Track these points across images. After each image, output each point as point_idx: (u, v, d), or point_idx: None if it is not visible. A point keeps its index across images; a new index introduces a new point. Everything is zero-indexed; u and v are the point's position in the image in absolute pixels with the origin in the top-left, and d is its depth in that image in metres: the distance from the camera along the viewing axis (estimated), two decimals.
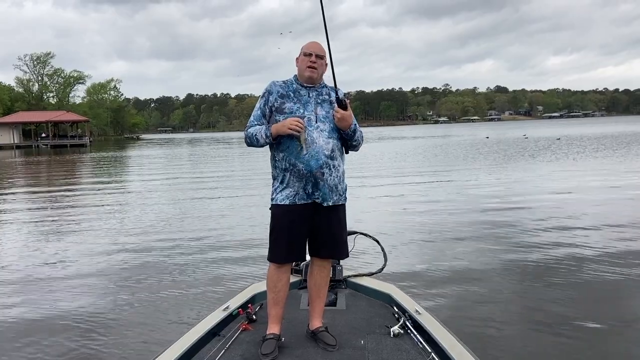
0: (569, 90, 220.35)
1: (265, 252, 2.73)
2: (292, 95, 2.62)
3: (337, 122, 2.57)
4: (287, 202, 2.57)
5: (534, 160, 18.66)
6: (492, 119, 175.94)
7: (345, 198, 2.70)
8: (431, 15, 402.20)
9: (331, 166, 2.57)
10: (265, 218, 2.76)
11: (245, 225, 8.11)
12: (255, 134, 2.60)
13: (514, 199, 9.94)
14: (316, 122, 2.57)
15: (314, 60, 2.59)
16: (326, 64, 2.65)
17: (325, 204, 2.59)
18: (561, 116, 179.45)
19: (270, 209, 2.65)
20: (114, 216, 9.46)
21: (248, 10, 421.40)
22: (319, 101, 2.62)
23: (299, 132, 2.47)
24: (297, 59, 2.69)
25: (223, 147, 43.02)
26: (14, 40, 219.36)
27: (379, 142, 40.29)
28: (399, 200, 10.35)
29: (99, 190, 14.53)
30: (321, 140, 2.54)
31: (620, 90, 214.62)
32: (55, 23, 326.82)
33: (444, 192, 11.42)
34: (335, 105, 2.58)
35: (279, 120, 2.57)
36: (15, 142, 56.66)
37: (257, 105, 2.69)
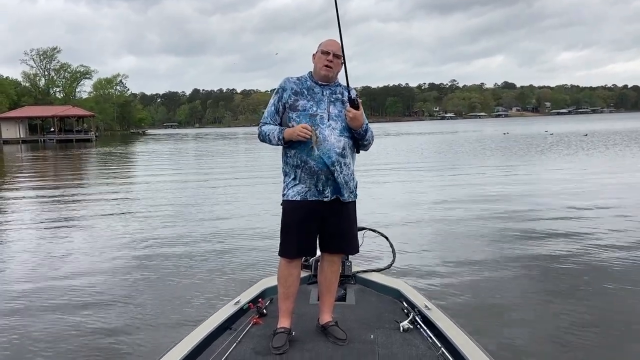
0: (577, 86, 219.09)
1: (275, 247, 2.75)
2: (305, 92, 2.63)
3: (349, 121, 2.59)
4: (298, 198, 2.59)
5: (587, 157, 17.83)
6: (499, 115, 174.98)
7: (356, 195, 2.72)
8: (443, 10, 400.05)
9: (342, 164, 2.58)
10: (275, 213, 2.78)
11: (255, 220, 8.13)
12: (269, 134, 2.62)
13: (546, 198, 9.73)
14: (328, 120, 2.58)
15: (330, 59, 2.60)
16: (342, 63, 2.65)
17: (335, 201, 2.60)
18: (569, 112, 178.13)
19: (281, 204, 2.68)
20: (123, 211, 9.52)
21: (260, 5, 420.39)
22: (332, 99, 2.63)
23: (307, 137, 2.49)
24: (313, 55, 2.69)
25: (229, 143, 43.10)
26: (27, 36, 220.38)
27: (387, 138, 40.17)
28: (409, 196, 10.35)
29: (106, 185, 14.63)
30: (333, 138, 2.56)
31: (629, 86, 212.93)
32: (67, 18, 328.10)
33: (457, 188, 11.38)
34: (348, 104, 2.60)
35: (292, 117, 2.59)
36: (22, 136, 56.97)
37: (271, 101, 2.70)
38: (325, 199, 2.58)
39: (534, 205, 8.74)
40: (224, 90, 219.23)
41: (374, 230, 3.68)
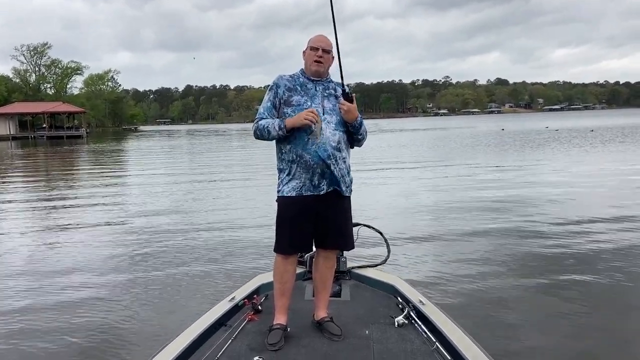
0: (570, 82, 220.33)
1: (270, 243, 2.74)
2: (299, 88, 2.63)
3: (344, 114, 2.59)
4: (293, 193, 2.59)
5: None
6: (492, 112, 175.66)
7: (351, 190, 2.72)
8: (441, 6, 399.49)
9: (337, 158, 2.58)
10: (270, 209, 2.78)
11: (251, 216, 8.13)
12: (267, 127, 2.59)
13: (541, 193, 9.77)
14: (323, 114, 2.58)
15: (320, 54, 2.61)
16: (333, 58, 2.66)
17: (330, 195, 2.60)
18: (562, 109, 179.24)
19: (276, 200, 2.67)
20: (116, 209, 9.47)
21: (258, 2, 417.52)
22: (326, 94, 2.64)
23: (314, 122, 2.48)
24: (304, 52, 2.69)
25: (223, 140, 42.93)
26: (21, 32, 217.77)
27: (382, 134, 40.15)
28: (404, 193, 10.35)
29: (98, 182, 14.53)
30: (328, 132, 2.56)
31: (621, 82, 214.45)
32: (63, 14, 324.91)
33: (454, 184, 11.40)
34: (341, 98, 2.60)
35: (287, 113, 2.59)
36: (12, 133, 56.30)
37: (266, 97, 2.69)
38: (321, 192, 2.58)
39: (535, 203, 8.74)
40: (217, 87, 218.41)
41: (368, 226, 3.68)
